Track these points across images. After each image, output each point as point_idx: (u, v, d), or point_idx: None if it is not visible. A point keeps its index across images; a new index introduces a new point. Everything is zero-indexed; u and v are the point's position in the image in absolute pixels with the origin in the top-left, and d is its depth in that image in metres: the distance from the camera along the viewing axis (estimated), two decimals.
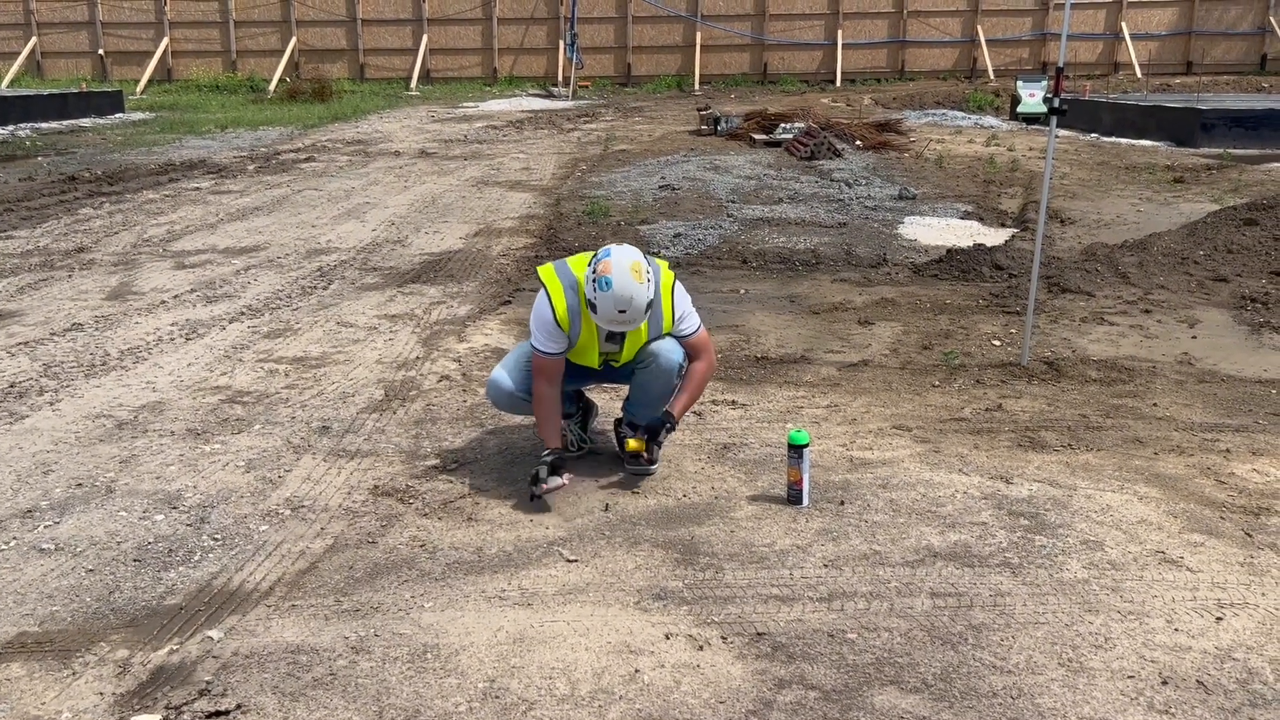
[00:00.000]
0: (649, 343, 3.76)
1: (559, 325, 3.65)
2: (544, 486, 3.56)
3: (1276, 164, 13.07)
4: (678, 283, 3.78)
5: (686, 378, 3.85)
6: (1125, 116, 16.98)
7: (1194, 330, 5.78)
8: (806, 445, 3.55)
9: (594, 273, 3.53)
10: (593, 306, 3.56)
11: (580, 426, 4.15)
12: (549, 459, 3.62)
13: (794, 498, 3.60)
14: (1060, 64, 4.88)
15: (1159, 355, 5.34)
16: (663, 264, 3.80)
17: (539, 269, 3.80)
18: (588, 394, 4.25)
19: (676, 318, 3.75)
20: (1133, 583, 3.05)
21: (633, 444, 3.74)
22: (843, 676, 2.61)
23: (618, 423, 4.09)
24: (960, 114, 20.82)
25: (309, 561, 3.25)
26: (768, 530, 3.42)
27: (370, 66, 28.77)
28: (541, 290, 3.71)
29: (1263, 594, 2.98)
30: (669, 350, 3.76)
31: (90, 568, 3.21)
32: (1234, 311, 6.10)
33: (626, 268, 3.49)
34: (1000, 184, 11.56)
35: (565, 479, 3.60)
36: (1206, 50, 27.16)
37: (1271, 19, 26.64)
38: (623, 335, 3.73)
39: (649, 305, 3.56)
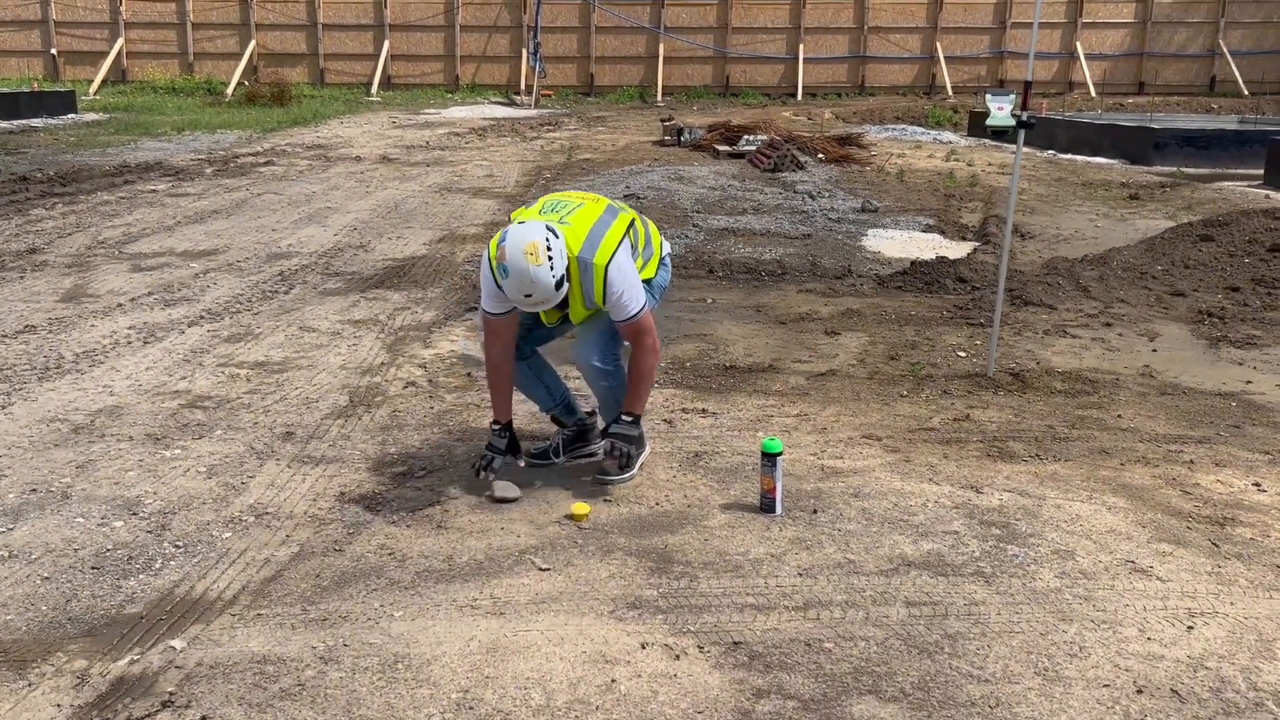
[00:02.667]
0: (592, 310, 3.72)
1: (494, 280, 3.54)
2: (495, 486, 3.67)
3: (1227, 182, 13.36)
4: (618, 260, 3.56)
5: (634, 375, 3.74)
6: (1081, 134, 17.28)
7: (1154, 343, 5.86)
8: (780, 454, 3.53)
9: (499, 251, 3.43)
10: (501, 289, 3.50)
11: (566, 443, 4.07)
12: (501, 441, 3.73)
13: (767, 506, 3.58)
14: (1028, 79, 4.93)
15: (1121, 367, 5.41)
16: (623, 218, 3.71)
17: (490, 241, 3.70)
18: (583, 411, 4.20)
19: (611, 300, 3.58)
20: (1105, 592, 3.07)
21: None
22: (821, 686, 2.60)
23: (603, 431, 4.01)
24: (920, 129, 21.07)
25: (274, 569, 3.17)
26: (741, 539, 3.40)
27: (330, 71, 28.52)
28: (485, 252, 3.63)
29: (1231, 603, 3.01)
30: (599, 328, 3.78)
31: (46, 575, 3.11)
32: (1192, 325, 6.20)
33: (521, 251, 3.37)
34: (960, 198, 11.69)
35: (522, 462, 3.79)
36: (1158, 71, 27.74)
37: (1220, 42, 27.29)
38: (565, 308, 3.68)
39: (560, 282, 3.44)
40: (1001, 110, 4.79)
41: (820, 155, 14.57)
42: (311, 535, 3.40)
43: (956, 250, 8.63)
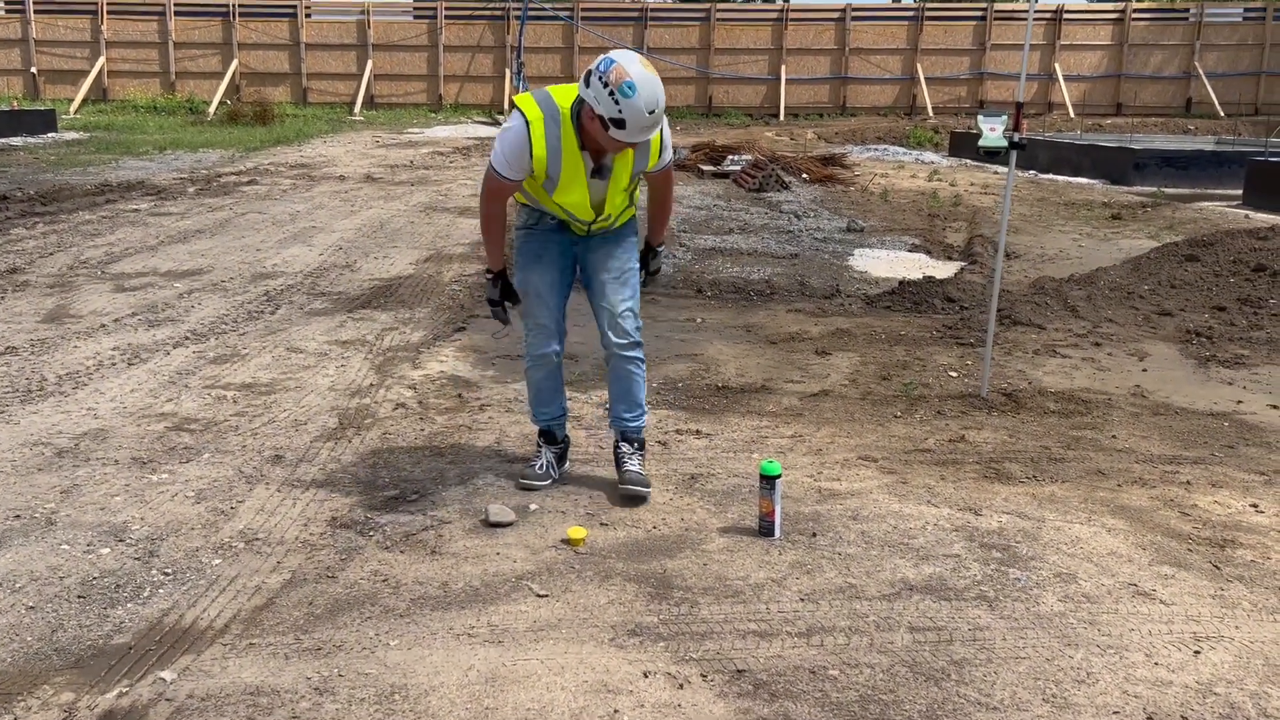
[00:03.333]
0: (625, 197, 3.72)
1: (532, 159, 3.47)
2: (490, 510, 3.64)
3: (1207, 203, 13.49)
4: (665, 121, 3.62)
5: (660, 209, 3.99)
6: (1061, 154, 17.44)
7: (1144, 363, 5.87)
8: (778, 476, 3.50)
9: (606, 85, 3.24)
10: (617, 123, 3.29)
11: (558, 459, 4.05)
12: (495, 289, 3.82)
13: (766, 530, 3.54)
14: (1019, 100, 4.95)
15: (1113, 387, 5.41)
16: None
17: (515, 98, 3.59)
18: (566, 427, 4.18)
19: (665, 140, 3.64)
20: (1109, 616, 3.04)
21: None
22: (828, 715, 2.55)
23: (616, 444, 3.97)
24: (901, 149, 21.22)
25: (266, 597, 3.11)
26: (741, 563, 3.36)
27: (313, 90, 28.46)
28: (517, 115, 3.47)
29: (1236, 627, 2.99)
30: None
31: (31, 604, 3.03)
32: (1180, 345, 6.22)
33: (639, 62, 3.29)
34: (944, 218, 11.75)
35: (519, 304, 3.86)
36: (1136, 93, 28.05)
37: (1196, 64, 27.62)
38: (608, 169, 3.55)
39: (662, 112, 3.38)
40: (994, 131, 4.80)
41: (804, 175, 14.62)
42: (303, 561, 3.33)
43: (943, 270, 8.65)
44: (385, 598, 3.12)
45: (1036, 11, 28.02)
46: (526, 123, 3.46)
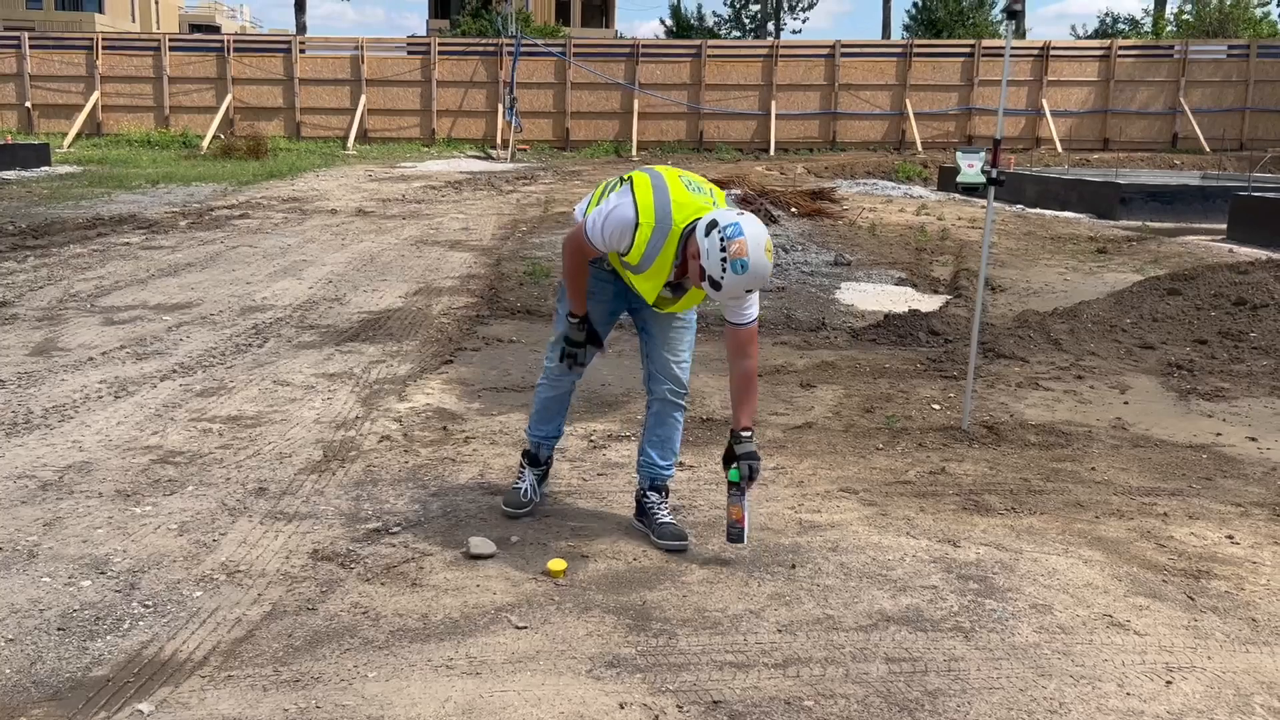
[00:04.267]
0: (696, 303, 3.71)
1: (626, 249, 3.50)
2: (471, 542, 3.64)
3: (1192, 236, 13.62)
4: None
5: (743, 386, 3.66)
6: (1048, 189, 17.58)
7: (1125, 396, 5.92)
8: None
9: (724, 251, 3.29)
10: (714, 285, 3.36)
11: (539, 482, 4.08)
12: (580, 333, 3.77)
13: (734, 536, 3.58)
14: (997, 137, 5.03)
15: (1094, 420, 5.45)
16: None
17: (634, 174, 3.61)
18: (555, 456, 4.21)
19: (750, 301, 3.56)
20: (1083, 646, 3.06)
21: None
22: None
23: (643, 493, 3.92)
24: (890, 184, 21.37)
25: (246, 629, 3.12)
26: (720, 595, 3.38)
27: (307, 125, 28.64)
28: (630, 204, 3.48)
29: (1209, 657, 3.02)
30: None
31: (10, 637, 3.04)
32: (1162, 378, 6.28)
33: (762, 246, 3.32)
34: (931, 252, 11.84)
35: (605, 351, 3.89)
36: (1122, 128, 28.36)
37: (1182, 100, 27.96)
38: (686, 289, 3.60)
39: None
40: (972, 167, 4.90)
41: (793, 210, 14.74)
42: (284, 594, 3.35)
43: (929, 303, 8.72)
44: (365, 629, 3.13)
45: (1024, 48, 28.41)
46: (636, 225, 3.46)
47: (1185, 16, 38.92)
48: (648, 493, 3.91)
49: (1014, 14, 4.88)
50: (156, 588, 3.36)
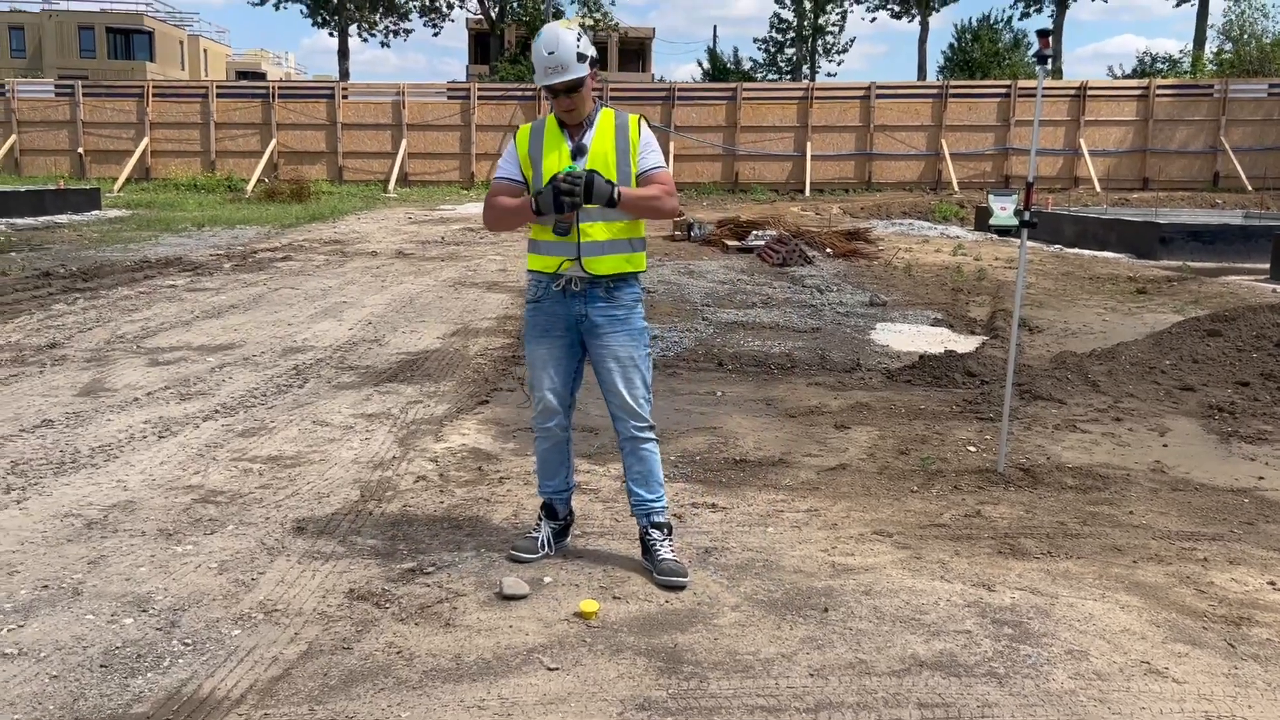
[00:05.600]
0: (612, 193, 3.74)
1: (515, 146, 3.93)
2: (504, 583, 3.69)
3: (1234, 276, 13.47)
4: (644, 123, 3.98)
5: (648, 189, 3.86)
6: (1087, 229, 17.49)
7: (1165, 439, 5.86)
8: None
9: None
10: (532, 69, 3.87)
11: (556, 535, 4.10)
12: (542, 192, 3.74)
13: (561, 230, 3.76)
14: (1030, 178, 5.04)
15: (1132, 463, 5.40)
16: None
17: None
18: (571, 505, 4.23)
19: (643, 145, 3.88)
20: (1119, 694, 3.03)
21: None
22: None
23: (645, 532, 3.97)
24: (926, 224, 21.35)
25: (282, 668, 3.16)
26: (752, 638, 3.38)
27: (349, 169, 29.18)
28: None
29: (1249, 706, 2.97)
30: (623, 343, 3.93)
31: (54, 673, 3.11)
32: (1202, 420, 6.20)
33: (554, 22, 3.84)
34: (968, 292, 11.81)
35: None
36: (1162, 168, 28.17)
37: (1222, 139, 27.75)
38: (587, 148, 3.82)
39: (580, 56, 3.74)
40: (1004, 210, 4.89)
41: (828, 250, 14.77)
42: (320, 633, 3.39)
43: (965, 344, 8.69)
44: (399, 669, 3.16)
45: (1061, 88, 28.37)
46: (515, 136, 4.03)
47: (1225, 55, 38.71)
48: (650, 530, 3.96)
49: (1043, 59, 4.91)
50: (196, 626, 3.42)
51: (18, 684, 3.04)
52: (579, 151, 3.83)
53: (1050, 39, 4.86)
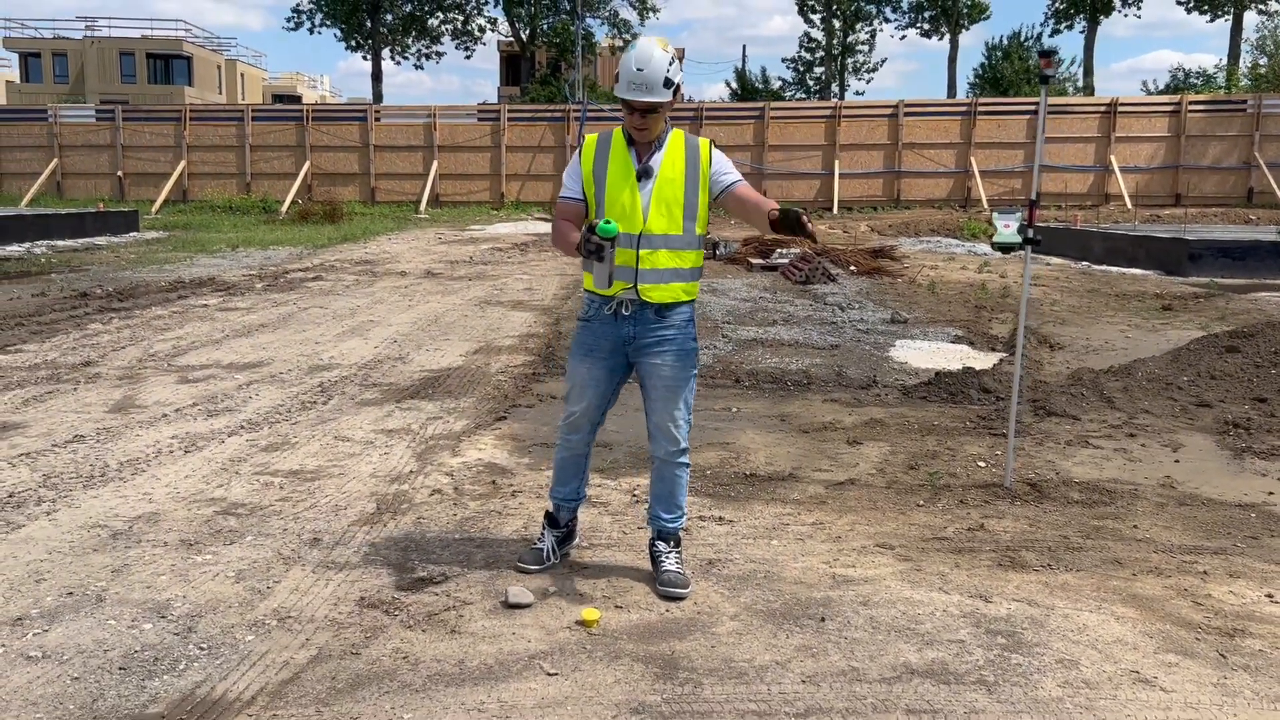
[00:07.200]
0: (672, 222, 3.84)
1: (580, 161, 3.93)
2: (509, 592, 3.77)
3: (1263, 293, 13.36)
4: (714, 146, 4.00)
5: (754, 205, 3.90)
6: (1115, 245, 17.41)
7: (1177, 454, 5.87)
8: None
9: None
10: (617, 80, 3.76)
11: (559, 543, 4.20)
12: (587, 237, 3.64)
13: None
14: (1034, 195, 5.11)
15: (1141, 478, 5.42)
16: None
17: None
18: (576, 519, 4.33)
19: (714, 168, 3.90)
20: (1106, 702, 3.08)
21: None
22: None
23: (653, 541, 4.08)
24: (955, 241, 21.32)
25: (292, 672, 3.28)
26: (748, 645, 3.46)
27: (381, 190, 29.60)
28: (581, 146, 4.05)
29: (1234, 715, 3.01)
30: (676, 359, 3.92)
31: (76, 675, 3.25)
32: (1217, 436, 6.20)
33: (650, 38, 3.78)
34: (991, 309, 11.81)
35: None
36: (1194, 184, 27.92)
37: (1256, 154, 27.48)
38: (654, 171, 3.81)
39: (668, 82, 3.70)
40: (1008, 228, 4.95)
41: (852, 268, 14.81)
42: (330, 639, 3.51)
43: (984, 361, 8.71)
44: (404, 673, 3.27)
45: (1091, 105, 28.24)
46: (581, 149, 4.01)
47: (1260, 70, 38.36)
48: (656, 541, 4.06)
49: (1045, 79, 4.98)
50: (212, 631, 3.56)
51: (41, 685, 3.19)
52: (645, 174, 3.84)
53: (1052, 60, 4.93)
